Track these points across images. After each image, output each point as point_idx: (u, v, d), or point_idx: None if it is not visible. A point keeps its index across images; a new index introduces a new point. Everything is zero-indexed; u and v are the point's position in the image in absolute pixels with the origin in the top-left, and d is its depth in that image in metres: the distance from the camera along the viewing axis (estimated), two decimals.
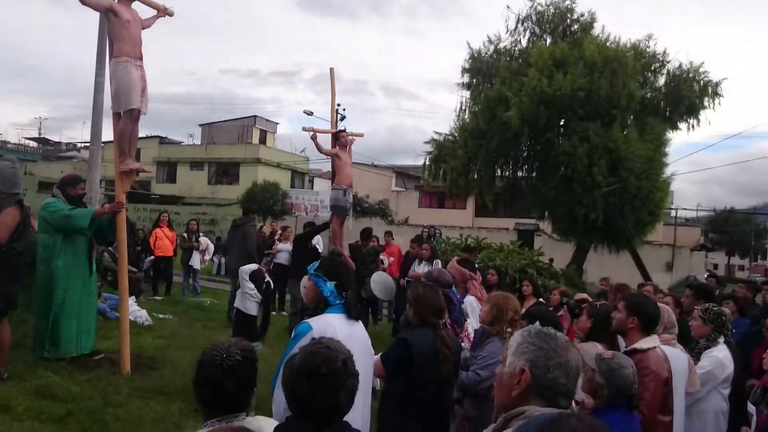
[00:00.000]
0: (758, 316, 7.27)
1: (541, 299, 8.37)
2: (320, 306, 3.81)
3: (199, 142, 51.07)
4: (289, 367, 2.27)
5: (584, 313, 5.10)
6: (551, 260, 21.71)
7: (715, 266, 71.56)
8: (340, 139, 9.96)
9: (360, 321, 3.91)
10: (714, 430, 5.22)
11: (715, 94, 26.17)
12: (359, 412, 3.74)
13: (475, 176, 28.03)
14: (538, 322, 3.60)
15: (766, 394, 4.72)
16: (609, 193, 21.59)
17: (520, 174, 29.11)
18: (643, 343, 4.25)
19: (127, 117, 7.17)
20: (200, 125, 52.75)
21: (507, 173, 29.23)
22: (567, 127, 25.76)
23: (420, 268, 9.48)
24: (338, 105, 35.76)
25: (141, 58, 7.21)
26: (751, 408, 4.83)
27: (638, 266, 16.37)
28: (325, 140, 10.18)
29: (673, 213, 46.33)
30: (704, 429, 5.21)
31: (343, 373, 2.22)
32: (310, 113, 34.70)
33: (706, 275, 28.84)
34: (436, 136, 29.18)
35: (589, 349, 4.13)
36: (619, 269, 24.09)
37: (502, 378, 2.20)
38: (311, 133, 9.83)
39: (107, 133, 8.80)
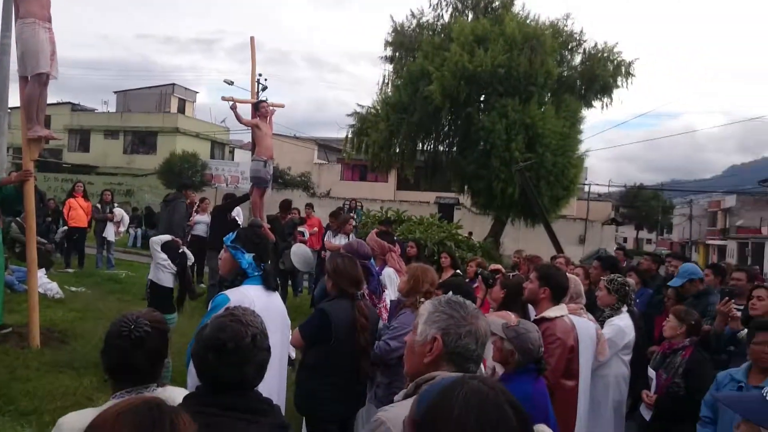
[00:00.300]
0: (660, 286, 7.66)
1: (458, 271, 8.55)
2: (238, 278, 3.79)
3: (114, 110, 49.23)
4: (198, 339, 2.26)
5: (498, 284, 5.26)
6: (470, 233, 22.15)
7: (625, 240, 74.68)
8: (260, 109, 9.81)
9: (277, 292, 3.92)
10: (615, 394, 5.50)
11: (628, 73, 27.11)
12: (276, 382, 3.78)
13: (397, 150, 28.22)
14: (450, 292, 3.71)
15: (666, 359, 5.00)
16: (525, 169, 22.15)
17: (441, 148, 29.47)
18: (551, 312, 4.43)
19: (35, 81, 6.86)
20: (115, 92, 50.84)
21: (428, 147, 29.55)
22: (487, 103, 26.21)
23: (336, 240, 9.51)
24: (259, 75, 35.21)
25: (50, 20, 6.89)
26: (651, 372, 5.11)
27: (552, 239, 16.93)
28: (245, 110, 10.01)
29: (586, 188, 47.94)
30: (606, 393, 5.48)
31: (252, 348, 2.21)
32: (231, 83, 33.95)
33: (615, 248, 30.10)
34: (358, 109, 29.19)
35: (503, 317, 4.29)
36: (534, 242, 24.83)
37: (413, 346, 2.26)
38: (230, 102, 9.63)
39: (14, 99, 8.39)
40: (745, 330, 4.96)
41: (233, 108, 9.60)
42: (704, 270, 7.84)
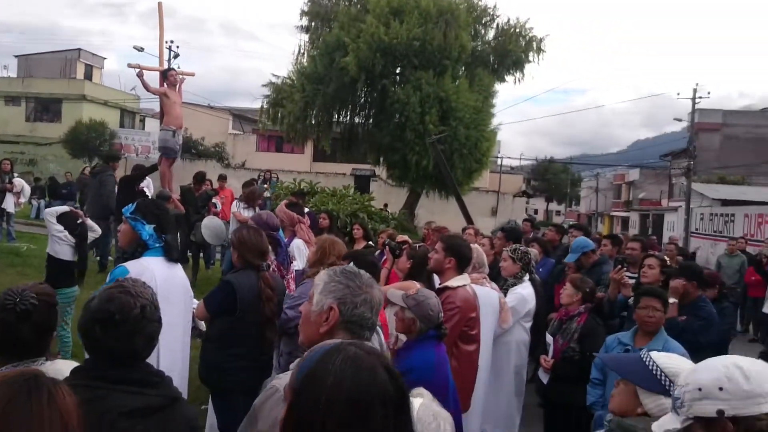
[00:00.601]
0: (561, 256, 7.97)
1: (371, 242, 8.63)
2: (139, 249, 3.73)
3: (15, 75, 46.58)
4: (85, 311, 2.21)
5: (404, 255, 5.36)
6: (385, 205, 22.36)
7: (536, 211, 77.01)
8: (168, 77, 9.54)
9: (180, 264, 3.87)
10: (517, 359, 5.74)
11: (539, 49, 27.72)
12: (179, 355, 3.75)
13: (313, 121, 27.98)
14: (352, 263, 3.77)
15: (562, 325, 5.24)
16: (438, 141, 22.45)
17: (357, 120, 29.42)
18: (454, 282, 4.57)
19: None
20: (16, 56, 48.09)
21: (344, 119, 29.43)
22: (402, 76, 26.29)
23: (246, 213, 9.41)
24: (170, 42, 34.11)
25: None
26: (549, 338, 5.34)
27: (462, 211, 17.30)
28: (154, 78, 9.71)
29: (499, 162, 49.05)
30: (508, 358, 5.72)
31: (141, 319, 2.17)
32: (141, 49, 32.64)
33: (523, 219, 31.01)
34: (274, 80, 28.67)
35: (410, 287, 4.39)
36: (449, 213, 25.24)
37: (309, 316, 2.29)
38: (137, 70, 9.34)
39: None
40: None
41: (140, 75, 9.32)
42: (603, 240, 8.21)
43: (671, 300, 5.12)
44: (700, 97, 38.25)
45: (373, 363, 1.38)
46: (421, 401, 1.97)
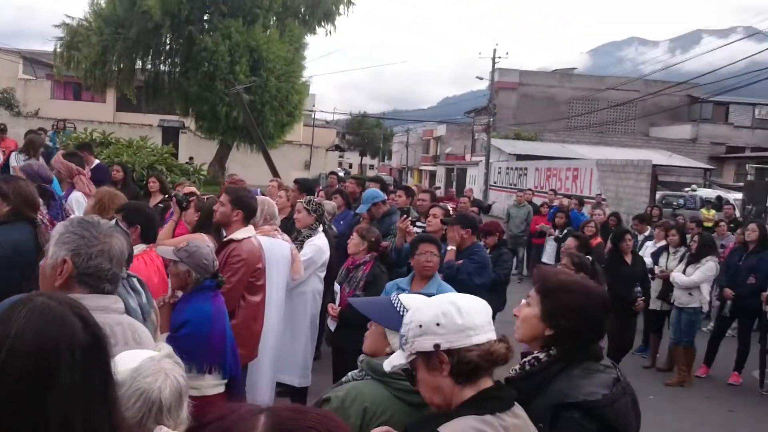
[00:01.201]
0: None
1: (168, 196, 8.30)
2: None
3: None
4: None
5: (192, 207, 5.22)
6: (191, 158, 21.59)
7: (350, 165, 78.50)
8: None
9: None
10: (312, 308, 5.84)
11: (349, 2, 27.83)
12: None
13: (113, 67, 26.22)
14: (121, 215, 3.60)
15: (350, 274, 5.39)
16: (248, 92, 22.01)
17: (162, 68, 28.01)
18: (239, 234, 4.52)
19: None
20: None
21: (148, 66, 27.88)
22: (210, 23, 25.35)
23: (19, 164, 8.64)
24: None
25: None
26: (337, 287, 5.48)
27: (268, 164, 17.17)
28: None
29: (312, 115, 49.08)
30: (304, 308, 5.80)
31: None
32: None
33: (342, 173, 31.58)
34: (68, 20, 26.38)
35: (198, 240, 4.27)
36: (262, 167, 24.97)
37: (44, 270, 2.16)
38: None
39: None
40: None
41: None
42: (397, 191, 8.53)
43: (449, 247, 5.45)
44: (500, 57, 40.62)
45: (63, 312, 1.32)
46: (151, 355, 1.93)
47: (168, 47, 26.91)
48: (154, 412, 1.79)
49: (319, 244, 5.90)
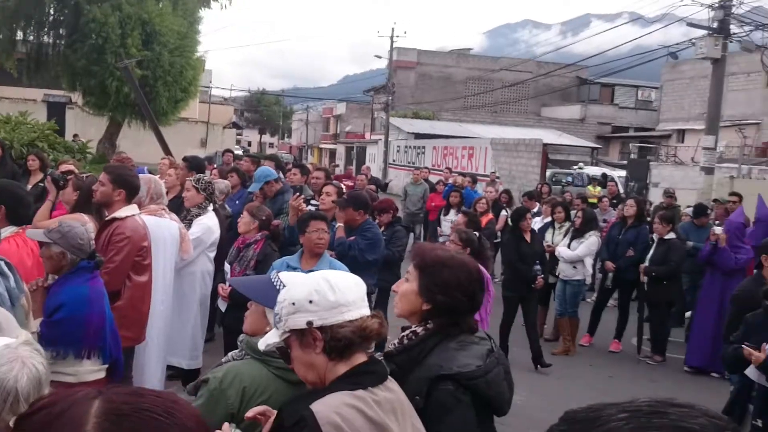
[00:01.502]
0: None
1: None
2: None
3: None
4: None
5: (70, 186, 4.98)
6: (75, 135, 20.60)
7: (249, 143, 77.15)
8: None
9: None
10: (200, 288, 5.73)
11: None
12: None
13: None
14: None
15: (240, 253, 5.31)
16: (140, 65, 21.15)
17: (46, 39, 26.41)
18: (122, 212, 4.37)
19: None
20: None
21: (31, 37, 26.24)
22: None
23: None
24: None
25: None
26: (227, 266, 5.42)
27: (159, 141, 16.61)
28: None
29: (209, 91, 47.83)
30: (193, 288, 5.69)
31: None
32: None
33: (241, 151, 30.99)
34: None
35: (78, 220, 4.08)
36: (153, 145, 24.10)
37: None
38: None
39: None
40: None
41: None
42: (293, 169, 8.46)
43: (338, 224, 5.47)
44: (398, 36, 40.84)
45: None
46: (7, 342, 1.83)
47: (52, 17, 25.40)
48: (10, 402, 1.70)
49: (207, 224, 5.78)
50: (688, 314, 9.14)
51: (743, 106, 31.16)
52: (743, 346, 4.06)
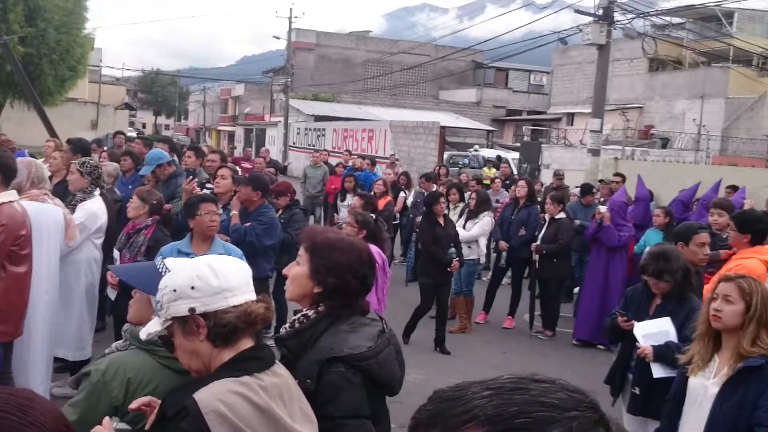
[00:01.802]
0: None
1: None
2: None
3: None
4: None
5: None
6: None
7: (144, 125, 74.38)
8: None
9: None
10: (85, 277, 5.47)
11: None
12: None
13: None
14: None
15: (130, 239, 5.13)
16: (23, 42, 19.97)
17: None
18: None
19: None
20: None
21: None
22: None
23: None
24: None
25: None
26: (116, 253, 5.21)
27: (44, 122, 15.78)
28: None
29: (100, 71, 45.70)
30: (77, 277, 5.43)
31: None
32: None
33: (135, 133, 29.84)
34: None
35: None
36: (40, 127, 22.83)
37: None
38: None
39: None
40: None
41: None
42: (187, 152, 8.21)
43: (232, 212, 5.37)
44: (296, 17, 40.34)
45: None
46: None
47: None
48: None
49: (92, 208, 5.52)
50: (576, 290, 9.58)
51: (627, 91, 32.81)
52: (617, 311, 4.28)
